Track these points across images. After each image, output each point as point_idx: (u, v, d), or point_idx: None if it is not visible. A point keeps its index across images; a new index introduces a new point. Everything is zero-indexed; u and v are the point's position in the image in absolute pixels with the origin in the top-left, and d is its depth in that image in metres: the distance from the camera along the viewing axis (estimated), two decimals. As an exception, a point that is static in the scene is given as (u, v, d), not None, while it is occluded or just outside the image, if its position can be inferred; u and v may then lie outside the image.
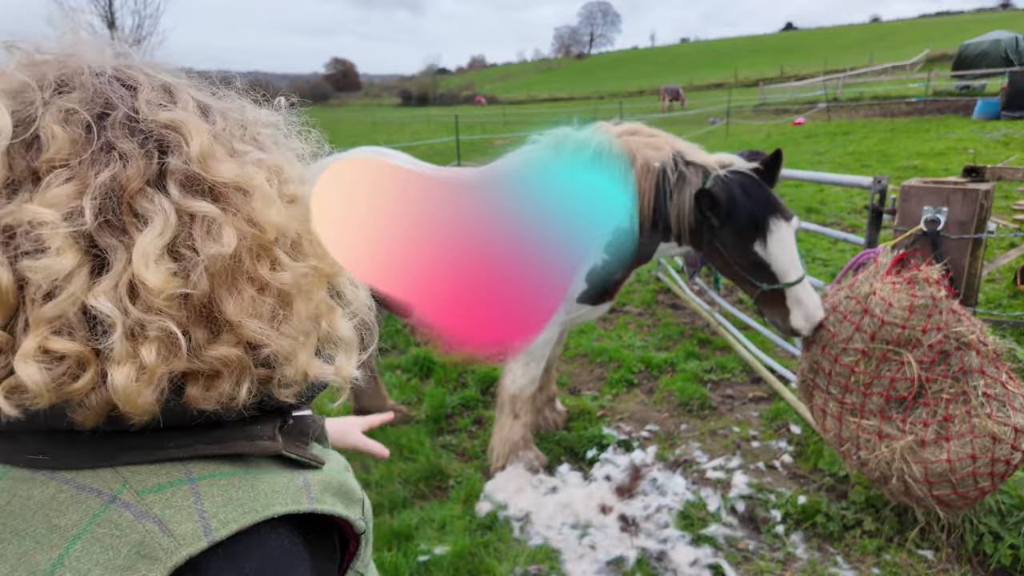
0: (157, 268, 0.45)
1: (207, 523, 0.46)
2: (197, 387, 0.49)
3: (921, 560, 2.25)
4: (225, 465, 0.51)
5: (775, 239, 2.16)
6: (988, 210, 2.52)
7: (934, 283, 2.14)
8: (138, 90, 0.51)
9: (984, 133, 13.57)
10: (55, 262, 0.43)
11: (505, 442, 2.77)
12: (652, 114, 28.81)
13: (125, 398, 0.45)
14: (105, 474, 0.47)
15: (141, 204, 0.47)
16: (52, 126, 0.46)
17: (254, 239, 0.51)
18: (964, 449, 2.01)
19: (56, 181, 0.45)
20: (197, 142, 0.50)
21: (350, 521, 0.56)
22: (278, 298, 0.53)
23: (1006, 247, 5.52)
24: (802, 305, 2.20)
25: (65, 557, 0.43)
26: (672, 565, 2.28)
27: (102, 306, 0.44)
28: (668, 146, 2.33)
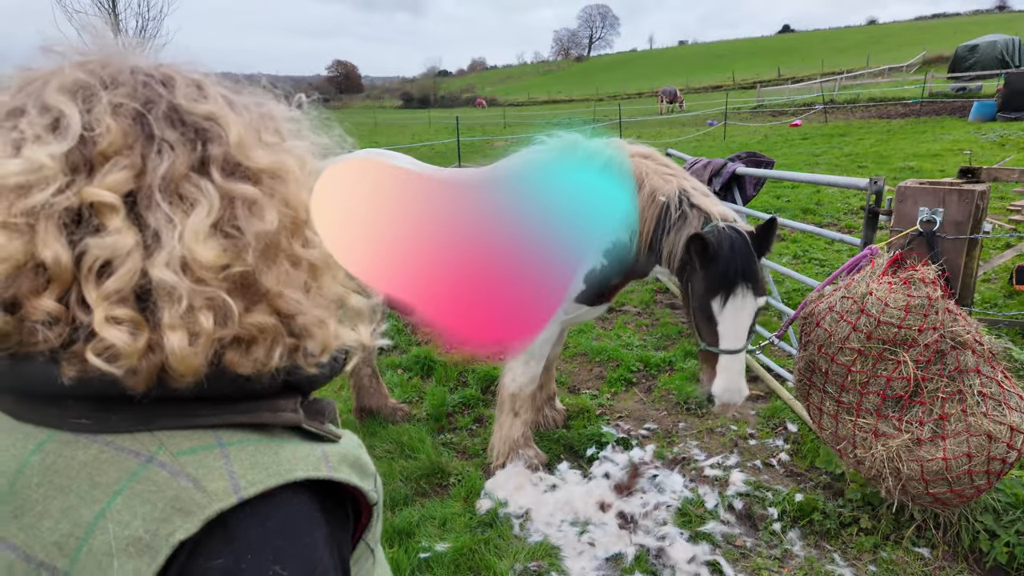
0: (207, 244, 0.50)
1: (236, 482, 0.50)
2: (236, 352, 0.53)
3: (917, 558, 2.27)
4: (252, 433, 0.55)
5: (734, 304, 2.15)
6: (984, 211, 2.54)
7: (930, 283, 2.16)
8: (174, 86, 0.55)
9: (980, 134, 13.63)
10: (117, 240, 0.48)
11: (505, 440, 2.79)
12: (650, 116, 28.89)
13: (181, 360, 0.49)
14: (143, 437, 0.51)
15: (187, 188, 0.51)
16: (105, 119, 0.50)
17: (290, 219, 0.56)
18: (960, 448, 2.03)
19: (114, 168, 0.49)
20: (235, 131, 0.55)
21: (364, 492, 0.60)
22: (309, 272, 0.58)
23: (1002, 247, 5.56)
24: (728, 375, 2.20)
25: (107, 510, 0.47)
26: (670, 562, 2.30)
27: (167, 277, 0.48)
28: (676, 181, 2.36)
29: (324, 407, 0.66)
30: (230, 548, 0.48)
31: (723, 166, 4.85)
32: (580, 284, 2.51)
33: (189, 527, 0.47)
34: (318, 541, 0.53)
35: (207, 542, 0.48)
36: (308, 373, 0.60)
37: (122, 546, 0.46)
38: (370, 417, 3.36)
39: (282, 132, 0.62)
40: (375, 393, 3.37)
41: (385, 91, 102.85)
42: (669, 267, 2.36)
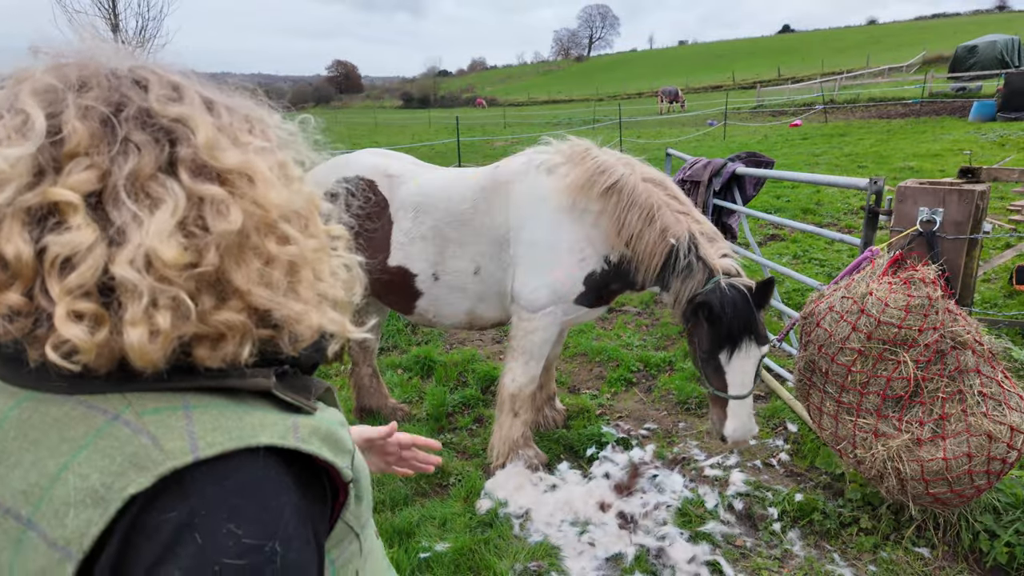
0: (171, 243, 0.52)
1: (195, 443, 0.52)
2: (204, 348, 0.55)
3: (917, 558, 2.27)
4: (220, 398, 0.57)
5: (740, 356, 2.29)
6: (984, 211, 2.54)
7: (930, 283, 2.16)
8: (149, 88, 0.57)
9: (980, 134, 13.64)
10: (76, 237, 0.49)
11: (505, 440, 2.79)
12: (650, 116, 28.89)
13: (139, 354, 0.51)
14: (113, 398, 0.54)
15: (154, 188, 0.53)
16: (73, 121, 0.52)
17: (259, 218, 0.58)
18: (960, 447, 2.03)
19: (77, 168, 0.51)
20: (203, 133, 0.56)
21: (336, 467, 0.60)
22: (288, 269, 0.60)
23: (1002, 247, 5.56)
24: (738, 418, 2.35)
25: (71, 463, 0.50)
26: (670, 562, 2.30)
27: (127, 273, 0.50)
28: (686, 221, 2.41)
29: (311, 384, 0.67)
30: (185, 503, 0.50)
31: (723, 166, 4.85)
32: (580, 286, 2.51)
33: (142, 481, 0.49)
34: (283, 508, 0.53)
35: (161, 497, 0.50)
36: (289, 355, 0.62)
37: (80, 497, 0.49)
38: (370, 417, 3.36)
39: (268, 135, 0.64)
40: (375, 393, 3.37)
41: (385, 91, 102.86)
42: (672, 308, 2.45)
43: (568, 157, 2.52)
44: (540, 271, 2.50)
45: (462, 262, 2.61)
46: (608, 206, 2.41)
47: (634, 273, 2.49)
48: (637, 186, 2.39)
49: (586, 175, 2.42)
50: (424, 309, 2.73)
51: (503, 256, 2.57)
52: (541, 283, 2.50)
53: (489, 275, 2.60)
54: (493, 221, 2.56)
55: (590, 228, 2.46)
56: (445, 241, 2.62)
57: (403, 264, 2.66)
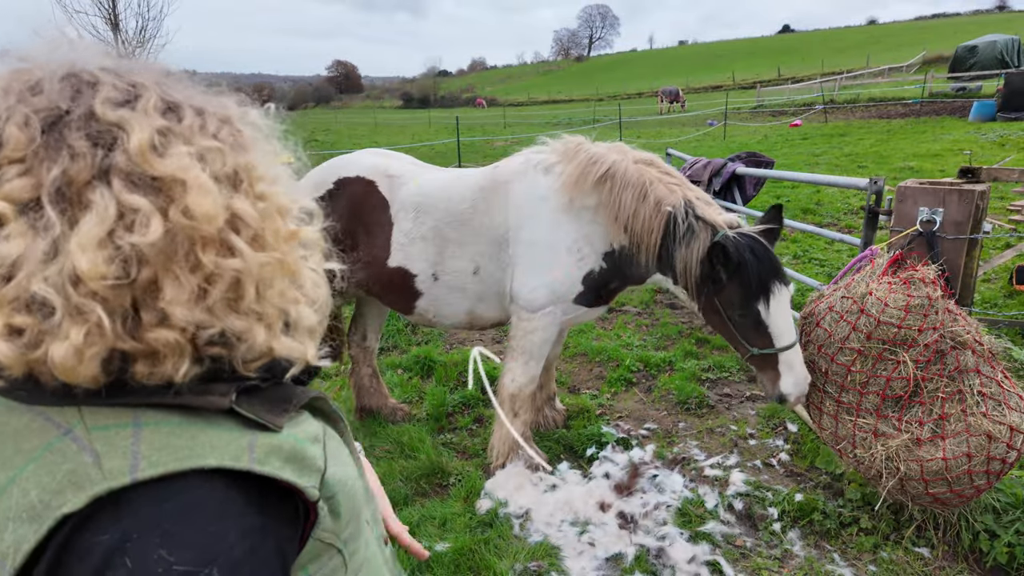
0: (91, 255, 0.49)
1: (136, 463, 0.51)
2: (142, 365, 0.54)
3: (917, 558, 2.27)
4: (175, 416, 0.55)
5: (776, 302, 2.17)
6: (984, 211, 2.55)
7: (930, 283, 2.16)
8: (99, 89, 0.55)
9: (980, 134, 13.64)
10: (7, 247, 0.48)
11: (505, 440, 2.79)
12: (650, 116, 28.89)
13: (63, 370, 0.50)
14: (69, 411, 0.53)
15: (87, 196, 0.51)
16: (11, 128, 0.51)
17: (191, 229, 0.54)
18: (960, 447, 2.03)
19: (9, 175, 0.50)
20: (136, 138, 0.53)
21: (299, 488, 0.58)
22: (229, 283, 0.57)
23: (1002, 247, 5.56)
24: (794, 370, 2.21)
25: (18, 476, 0.50)
26: (670, 562, 2.30)
27: (42, 291, 0.49)
28: (680, 191, 2.36)
29: (293, 395, 0.64)
30: (117, 526, 0.48)
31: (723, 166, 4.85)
32: (578, 286, 2.51)
33: (76, 502, 0.48)
34: (229, 531, 0.52)
35: (96, 517, 0.49)
36: (246, 375, 0.59)
37: (18, 512, 0.48)
38: (370, 417, 3.36)
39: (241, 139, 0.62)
40: (375, 393, 3.37)
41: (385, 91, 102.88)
42: (684, 282, 2.35)
43: (563, 155, 2.51)
44: (539, 271, 2.50)
45: (461, 262, 2.61)
46: (603, 195, 2.38)
47: (635, 261, 2.43)
48: (628, 168, 2.37)
49: (579, 169, 2.41)
50: (424, 309, 2.73)
51: (502, 256, 2.57)
52: (540, 283, 2.50)
53: (488, 275, 2.61)
54: (492, 221, 2.56)
55: (588, 226, 2.45)
56: (445, 241, 2.62)
57: (403, 264, 2.66)
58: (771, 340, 2.21)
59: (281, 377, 0.64)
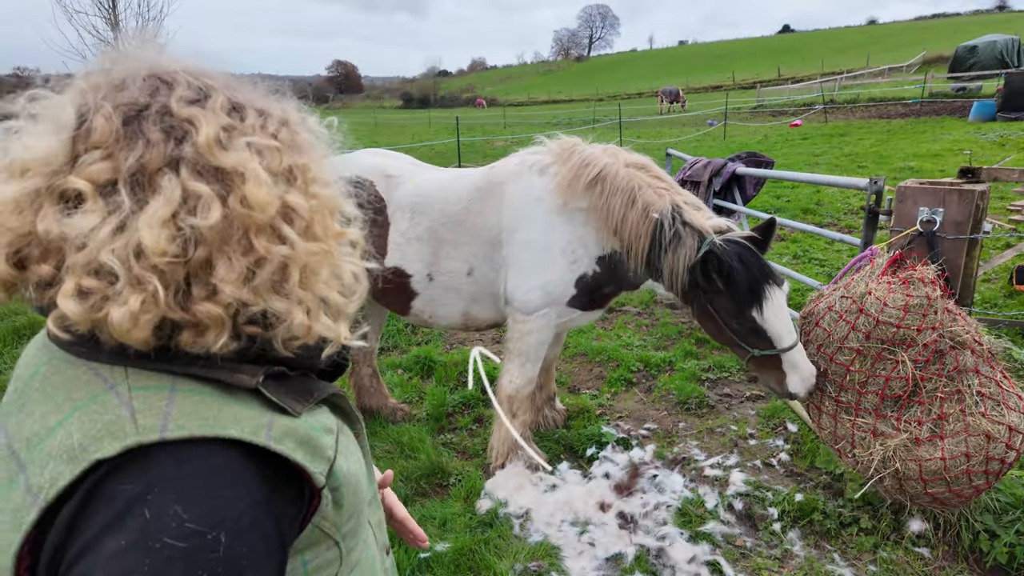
0: (155, 233, 0.56)
1: (166, 423, 0.56)
2: (188, 334, 0.59)
3: (917, 558, 2.27)
4: (207, 388, 0.61)
5: (770, 305, 2.16)
6: (984, 211, 2.55)
7: (929, 283, 2.16)
8: (175, 88, 0.62)
9: (980, 134, 13.64)
10: (81, 220, 0.55)
11: (504, 441, 2.79)
12: (650, 116, 28.89)
13: (119, 331, 0.56)
14: (117, 369, 0.59)
15: (158, 181, 0.58)
16: (98, 119, 0.58)
17: (247, 216, 0.61)
18: (959, 447, 2.04)
19: (92, 159, 0.57)
20: (204, 133, 0.60)
21: (308, 471, 0.62)
22: (276, 267, 0.62)
23: (1002, 247, 5.56)
24: (798, 369, 2.20)
25: (66, 420, 0.56)
26: (670, 562, 2.30)
27: (108, 260, 0.55)
28: (668, 196, 2.35)
29: (314, 388, 0.70)
30: (142, 477, 0.53)
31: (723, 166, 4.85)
32: (571, 289, 2.50)
33: (109, 449, 0.53)
34: (240, 500, 0.55)
35: (125, 467, 0.53)
36: (284, 354, 0.65)
37: (59, 452, 0.54)
38: (370, 417, 3.36)
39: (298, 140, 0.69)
40: (375, 393, 3.37)
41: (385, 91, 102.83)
42: (672, 289, 2.35)
43: (557, 156, 2.50)
44: (533, 273, 2.49)
45: (456, 263, 2.61)
46: (594, 198, 2.38)
47: (626, 266, 2.43)
48: (619, 172, 2.37)
49: (572, 171, 2.40)
50: (420, 310, 2.73)
51: (496, 257, 2.57)
52: (534, 285, 2.49)
53: (482, 276, 2.60)
54: (486, 222, 2.55)
55: (581, 228, 2.44)
56: (440, 242, 2.61)
57: (399, 265, 2.66)
58: (771, 342, 2.20)
59: (318, 357, 0.70)
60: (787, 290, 2.23)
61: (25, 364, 0.65)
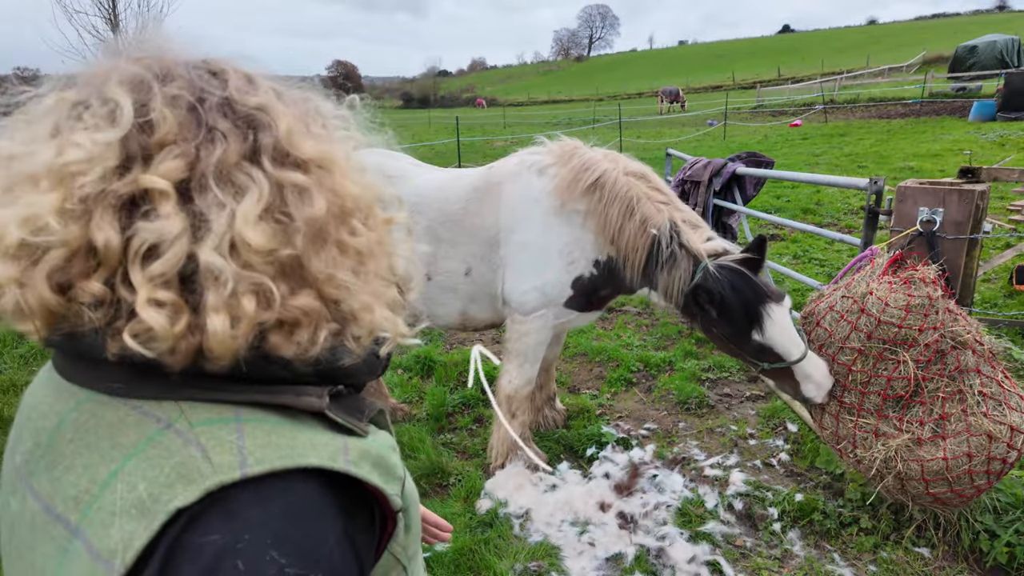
0: (257, 229, 0.51)
1: (244, 458, 0.50)
2: (279, 335, 0.54)
3: (917, 558, 2.27)
4: (273, 415, 0.55)
5: (772, 324, 2.16)
6: (984, 211, 2.54)
7: (930, 283, 2.16)
8: (227, 79, 0.58)
9: (980, 134, 13.64)
10: (166, 225, 0.49)
11: (503, 441, 2.78)
12: (650, 116, 28.89)
13: (220, 343, 0.49)
14: (167, 405, 0.52)
15: (238, 176, 0.53)
16: (162, 108, 0.52)
17: (337, 207, 0.58)
18: (960, 447, 2.03)
19: (168, 156, 0.51)
20: (285, 122, 0.57)
21: (386, 494, 0.58)
22: (356, 259, 0.60)
23: (1002, 247, 5.56)
24: (812, 379, 2.21)
25: (120, 470, 0.49)
26: (670, 562, 2.30)
27: (215, 260, 0.49)
28: (667, 211, 2.34)
29: (364, 405, 0.65)
30: (228, 526, 0.47)
31: (723, 166, 4.85)
32: (568, 290, 2.50)
33: (188, 495, 0.47)
34: (328, 535, 0.51)
35: (205, 515, 0.47)
36: (344, 363, 0.60)
37: (125, 507, 0.47)
38: (370, 417, 3.36)
39: (328, 126, 0.64)
40: (375, 393, 3.37)
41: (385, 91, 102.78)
42: (668, 305, 2.37)
43: (557, 157, 2.50)
44: (530, 274, 2.48)
45: (453, 263, 2.61)
46: (592, 204, 2.37)
47: (622, 273, 2.43)
48: (618, 180, 2.36)
49: (572, 174, 2.40)
50: (417, 309, 2.72)
51: (493, 257, 2.56)
52: (531, 286, 2.49)
53: (480, 276, 2.59)
54: (484, 222, 2.54)
55: (579, 231, 2.43)
56: (438, 242, 2.61)
57: None
58: (779, 357, 2.21)
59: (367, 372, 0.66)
60: (789, 304, 2.22)
61: (42, 414, 0.56)
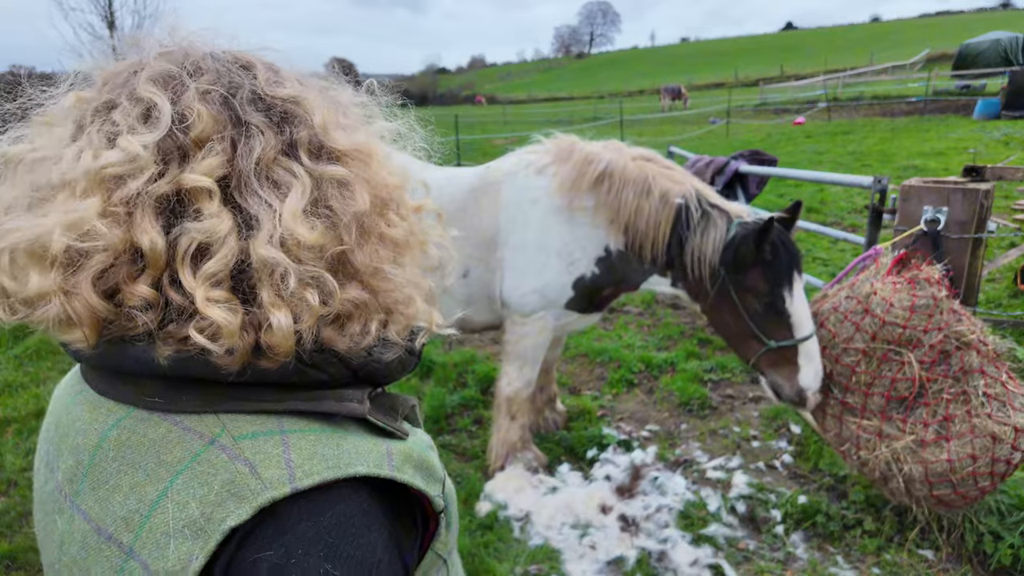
0: (307, 224, 0.51)
1: (292, 471, 0.49)
2: (332, 329, 0.54)
3: (921, 560, 2.25)
4: (315, 423, 0.54)
5: (798, 290, 2.15)
6: (988, 210, 2.52)
7: (935, 283, 2.13)
8: (255, 70, 0.56)
9: (984, 133, 13.57)
10: (215, 224, 0.48)
11: (503, 443, 2.77)
12: (652, 114, 28.83)
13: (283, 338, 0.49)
14: (208, 419, 0.51)
15: (277, 171, 0.52)
16: (196, 105, 0.50)
17: (376, 199, 0.57)
18: (964, 449, 2.01)
19: (208, 154, 0.50)
20: (320, 114, 0.55)
21: (429, 496, 0.57)
22: (394, 250, 0.59)
23: (1006, 247, 5.52)
24: (811, 361, 2.16)
25: (169, 490, 0.48)
26: (672, 565, 2.28)
27: (273, 254, 0.49)
28: (688, 181, 2.31)
29: (398, 402, 0.64)
30: (280, 541, 0.47)
31: (726, 164, 4.82)
32: (569, 291, 2.47)
33: (241, 513, 0.46)
34: (377, 543, 0.50)
35: (258, 532, 0.47)
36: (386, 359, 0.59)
37: (179, 527, 0.47)
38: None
39: (350, 115, 0.63)
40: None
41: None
42: (693, 275, 2.27)
43: (556, 155, 2.46)
44: (529, 275, 2.45)
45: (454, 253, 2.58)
46: (601, 195, 2.33)
47: (635, 261, 2.38)
48: (627, 166, 2.33)
49: (575, 170, 2.36)
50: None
51: (491, 259, 2.53)
52: (530, 288, 2.46)
53: (478, 278, 2.56)
54: (482, 223, 2.51)
55: (581, 229, 2.40)
56: None
57: None
58: (791, 331, 2.17)
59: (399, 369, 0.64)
60: (804, 281, 2.22)
61: (80, 431, 0.54)
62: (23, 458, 3.06)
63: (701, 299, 2.35)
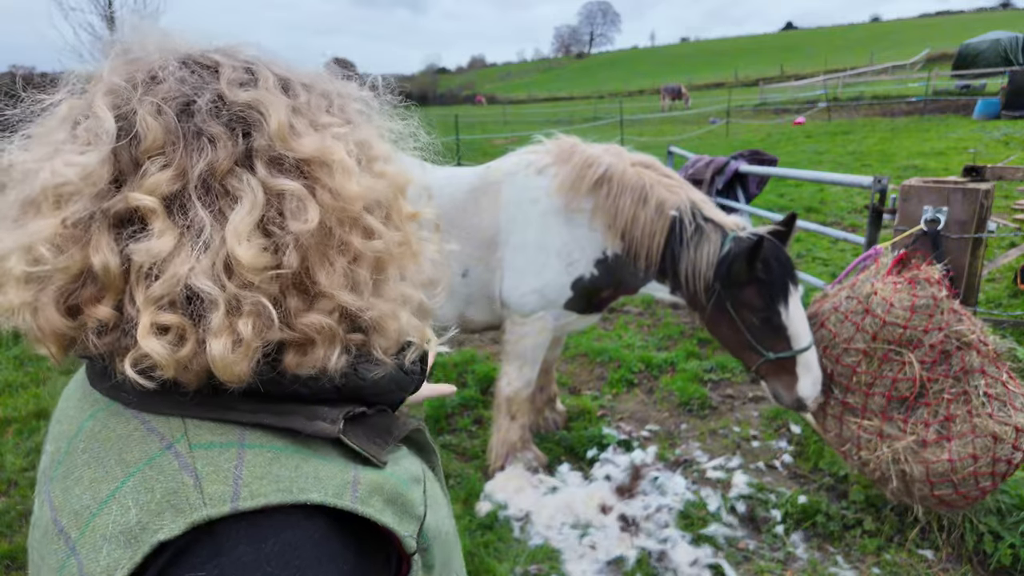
0: (249, 245, 0.47)
1: (238, 490, 0.46)
2: (292, 355, 0.50)
3: (921, 560, 2.25)
4: (280, 440, 0.51)
5: (794, 304, 2.15)
6: (988, 209, 2.51)
7: (935, 283, 2.13)
8: (220, 72, 0.53)
9: (984, 132, 13.56)
10: (156, 244, 0.46)
11: (503, 443, 2.77)
12: (652, 114, 28.82)
13: (222, 367, 0.47)
14: (174, 422, 0.50)
15: (231, 184, 0.49)
16: (146, 118, 0.48)
17: (340, 211, 0.52)
18: (965, 449, 2.01)
19: (153, 168, 0.47)
20: (275, 119, 0.51)
21: (397, 535, 0.53)
22: (373, 265, 0.55)
23: (1006, 246, 5.52)
24: (810, 371, 2.17)
25: (118, 491, 0.46)
26: (672, 565, 2.28)
27: (203, 285, 0.46)
28: (683, 192, 2.31)
29: (394, 426, 0.60)
30: (215, 562, 0.44)
31: (726, 164, 4.82)
32: (568, 291, 2.47)
33: (174, 528, 0.44)
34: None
35: (192, 549, 0.44)
36: (373, 377, 0.56)
37: (116, 532, 0.45)
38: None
39: (348, 112, 0.59)
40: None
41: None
42: (688, 287, 2.28)
43: (556, 156, 2.46)
44: (528, 275, 2.45)
45: (451, 264, 2.58)
46: (599, 199, 2.33)
47: (632, 267, 2.38)
48: (626, 171, 2.33)
49: (575, 172, 2.36)
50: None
51: (491, 259, 2.53)
52: (530, 288, 2.46)
53: (477, 278, 2.56)
54: (482, 223, 2.51)
55: (580, 230, 2.40)
56: None
57: None
58: (788, 343, 2.17)
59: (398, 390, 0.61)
60: (801, 292, 2.21)
61: (68, 418, 0.54)
62: (23, 458, 3.06)
63: (698, 310, 2.36)
